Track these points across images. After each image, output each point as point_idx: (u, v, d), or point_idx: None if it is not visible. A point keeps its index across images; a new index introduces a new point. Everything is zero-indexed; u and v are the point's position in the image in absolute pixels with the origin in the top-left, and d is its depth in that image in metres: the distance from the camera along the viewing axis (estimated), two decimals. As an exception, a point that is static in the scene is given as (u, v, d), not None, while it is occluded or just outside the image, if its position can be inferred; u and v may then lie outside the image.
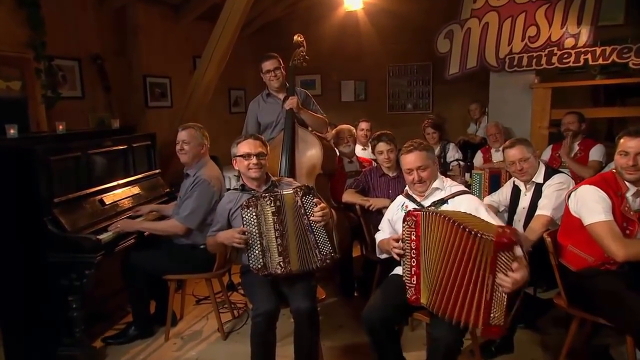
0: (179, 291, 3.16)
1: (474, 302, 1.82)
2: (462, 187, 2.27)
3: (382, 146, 3.13)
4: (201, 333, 2.96)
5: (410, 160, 2.23)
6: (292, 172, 3.08)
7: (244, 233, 2.19)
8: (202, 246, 2.71)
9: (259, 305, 2.11)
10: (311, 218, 2.20)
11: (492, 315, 1.80)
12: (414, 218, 1.99)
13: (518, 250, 1.78)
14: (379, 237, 2.41)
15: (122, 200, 2.96)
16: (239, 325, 3.02)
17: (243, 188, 2.43)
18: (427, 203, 2.22)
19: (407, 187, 2.34)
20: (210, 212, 2.68)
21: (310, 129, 3.28)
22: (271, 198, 2.20)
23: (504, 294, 1.79)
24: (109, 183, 2.93)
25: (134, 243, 2.75)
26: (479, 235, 1.77)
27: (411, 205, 2.24)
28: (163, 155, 3.70)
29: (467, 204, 2.11)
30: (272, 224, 2.19)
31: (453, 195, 2.18)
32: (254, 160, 2.37)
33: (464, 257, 1.82)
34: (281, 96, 3.25)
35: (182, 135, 2.76)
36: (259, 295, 2.19)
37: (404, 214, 2.09)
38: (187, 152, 2.75)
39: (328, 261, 2.20)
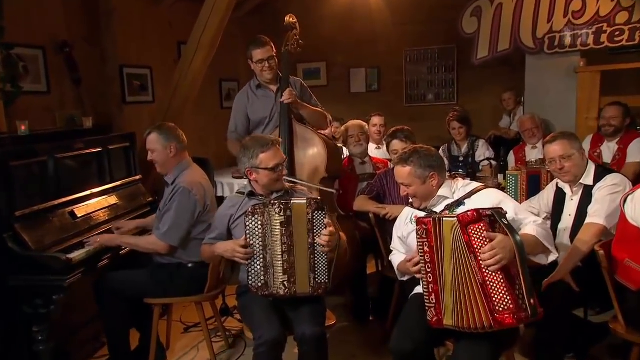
0: (165, 317, 3.15)
1: (474, 294, 1.88)
2: (476, 184, 2.26)
3: (397, 144, 3.13)
4: (191, 367, 2.95)
5: (395, 173, 2.28)
6: (291, 175, 3.06)
7: (247, 246, 2.21)
8: (190, 265, 2.71)
9: (262, 333, 2.11)
10: (317, 240, 2.22)
11: (495, 300, 1.85)
12: (424, 226, 2.00)
13: (499, 226, 1.89)
14: (394, 260, 2.42)
15: (97, 212, 2.95)
16: (236, 356, 3.01)
17: (251, 193, 2.45)
18: (439, 209, 2.22)
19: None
20: (195, 225, 2.68)
21: (308, 124, 3.27)
22: (281, 206, 2.21)
23: (499, 275, 1.84)
24: (81, 192, 2.92)
25: (108, 263, 2.74)
26: (445, 219, 1.93)
27: (419, 214, 2.23)
28: (144, 158, 3.62)
29: (489, 199, 2.11)
30: (279, 236, 2.21)
31: (469, 195, 2.18)
32: (283, 171, 2.42)
33: (452, 252, 1.94)
34: (273, 87, 3.24)
35: (147, 144, 2.77)
36: (261, 320, 2.19)
37: (414, 225, 2.11)
38: (156, 161, 2.76)
39: (320, 292, 2.24)
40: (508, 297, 1.83)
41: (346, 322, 3.37)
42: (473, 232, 1.88)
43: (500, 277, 1.84)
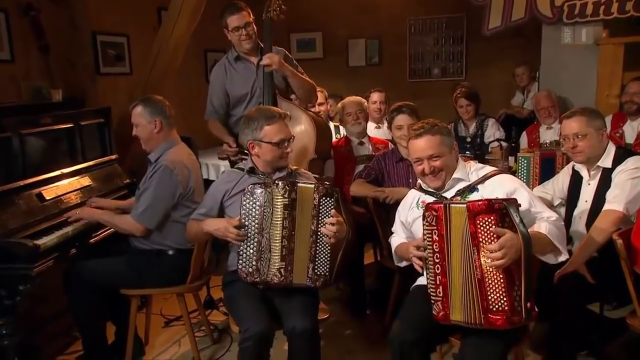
0: (143, 310, 3.14)
1: (470, 289, 1.92)
2: (490, 168, 2.26)
3: (402, 119, 3.12)
4: (171, 364, 2.96)
5: (419, 147, 2.22)
6: None
7: (242, 227, 2.22)
8: (170, 252, 2.71)
9: (249, 326, 2.12)
10: (321, 229, 2.23)
11: (490, 299, 1.88)
12: (434, 213, 2.01)
13: (510, 221, 1.89)
14: (394, 242, 2.44)
15: (68, 195, 2.93)
16: (221, 352, 3.02)
17: (251, 170, 2.46)
18: (450, 194, 2.22)
19: (419, 180, 2.34)
20: (175, 207, 2.67)
21: (294, 98, 3.24)
22: (286, 187, 2.23)
23: (499, 274, 1.86)
24: (50, 172, 2.90)
25: (80, 250, 2.73)
26: (455, 205, 1.94)
27: (429, 200, 2.24)
28: (121, 136, 3.65)
29: (501, 187, 2.12)
30: (280, 219, 2.22)
31: (483, 180, 2.18)
32: (289, 147, 2.43)
33: (461, 242, 1.96)
34: (254, 60, 3.21)
35: (132, 117, 2.77)
36: (247, 312, 2.21)
37: (421, 211, 2.12)
38: (139, 137, 2.76)
39: (318, 284, 2.27)
40: (505, 298, 1.86)
41: (341, 315, 3.39)
42: (481, 224, 1.89)
43: (501, 276, 1.86)
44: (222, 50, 5.67)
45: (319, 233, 2.24)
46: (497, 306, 1.87)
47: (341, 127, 4.08)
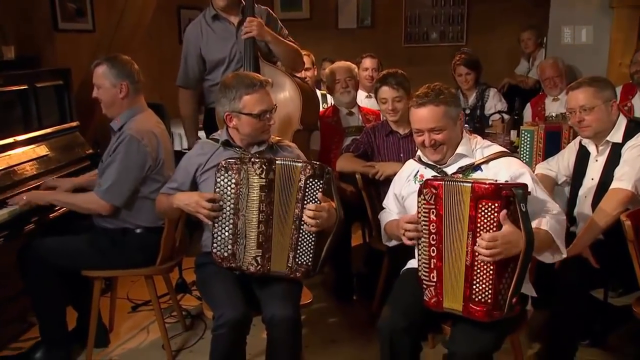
0: (108, 294, 3.14)
1: (459, 274, 1.94)
2: (498, 147, 2.25)
3: (385, 92, 3.10)
4: (139, 353, 2.94)
5: (420, 117, 2.19)
6: None
7: (215, 202, 2.20)
8: (138, 230, 2.69)
9: (223, 312, 2.12)
10: (305, 214, 2.20)
11: (475, 289, 1.91)
12: (433, 190, 1.99)
13: (515, 211, 1.87)
14: (384, 218, 2.44)
15: (22, 165, 2.88)
16: (193, 339, 3.03)
17: (227, 143, 2.43)
18: (451, 170, 2.22)
19: (419, 151, 2.32)
20: (144, 182, 2.65)
21: (279, 64, 3.21)
22: (263, 166, 2.19)
23: (490, 265, 1.87)
24: (1, 140, 2.87)
25: (37, 227, 2.69)
26: (462, 184, 1.94)
27: (429, 174, 2.23)
28: (83, 101, 3.57)
29: (507, 171, 2.11)
30: (256, 202, 2.20)
31: (487, 160, 2.18)
32: (271, 119, 2.39)
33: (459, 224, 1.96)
34: (234, 19, 3.16)
35: (93, 77, 2.71)
36: (222, 297, 2.20)
37: (418, 186, 2.10)
38: (101, 100, 2.70)
39: (298, 275, 2.26)
40: (490, 291, 1.88)
41: (326, 301, 3.40)
42: (483, 209, 1.88)
43: (491, 267, 1.88)
44: (198, 8, 5.60)
45: (303, 219, 2.22)
46: (480, 297, 1.90)
47: (328, 96, 4.05)
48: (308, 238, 2.24)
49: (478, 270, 1.90)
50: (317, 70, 4.51)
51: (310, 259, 2.24)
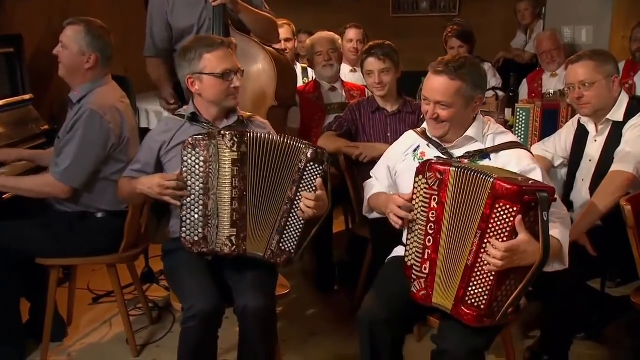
0: (66, 284, 3.11)
1: (456, 270, 1.92)
2: (511, 136, 2.23)
3: (371, 63, 3.09)
4: (101, 348, 2.94)
5: (431, 85, 2.15)
6: None
7: (184, 187, 2.20)
8: (99, 214, 2.66)
9: (193, 303, 2.12)
10: (303, 202, 2.19)
11: (470, 291, 1.88)
12: (438, 175, 1.95)
13: (534, 219, 1.81)
14: (369, 187, 2.43)
15: (-32, 142, 2.87)
16: (161, 333, 3.03)
17: (193, 117, 2.42)
18: (458, 153, 2.19)
19: (425, 123, 2.29)
20: (105, 163, 2.62)
21: (252, 35, 3.21)
22: (234, 138, 2.19)
23: (490, 274, 1.84)
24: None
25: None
26: (485, 176, 1.86)
27: (431, 153, 2.21)
28: (37, 71, 3.56)
29: (517, 164, 2.09)
30: (228, 176, 2.20)
31: (498, 148, 2.16)
32: (236, 81, 2.36)
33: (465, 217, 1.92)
34: None
35: (62, 35, 2.65)
36: (191, 287, 2.20)
37: (417, 164, 2.07)
38: (61, 61, 2.65)
39: (279, 261, 2.27)
40: (485, 296, 1.86)
41: (304, 291, 3.42)
42: (499, 210, 1.81)
43: (492, 273, 1.84)
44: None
45: (296, 203, 2.21)
46: (473, 301, 1.88)
47: (309, 70, 4.03)
48: (297, 224, 2.24)
49: (478, 273, 1.87)
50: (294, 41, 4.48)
51: (294, 246, 2.25)
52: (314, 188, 2.20)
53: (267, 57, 3.07)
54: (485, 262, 1.83)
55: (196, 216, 2.21)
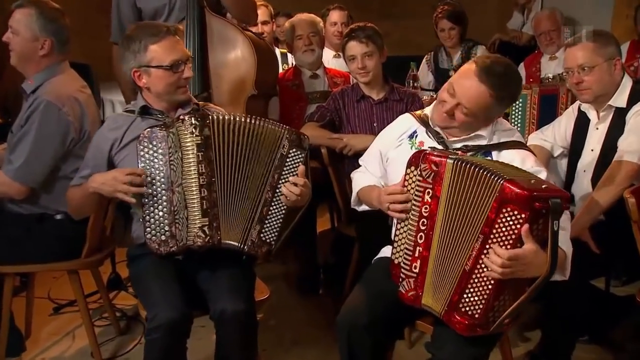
0: (23, 293, 3.10)
1: (451, 275, 1.91)
2: (517, 135, 2.23)
3: (353, 47, 3.09)
4: (63, 362, 2.93)
5: (464, 85, 2.06)
6: (205, 93, 3.05)
7: (141, 177, 2.18)
8: (58, 215, 2.64)
9: (156, 312, 2.11)
10: (288, 187, 2.21)
11: (465, 298, 1.88)
12: (434, 167, 1.95)
13: (543, 227, 1.78)
14: (357, 178, 2.44)
15: None
16: (129, 345, 3.02)
17: (144, 110, 2.40)
18: (456, 145, 2.19)
19: (429, 108, 2.27)
20: (66, 159, 2.60)
21: (229, 16, 3.21)
22: (196, 122, 2.21)
23: (489, 282, 1.82)
24: None
25: None
26: (491, 174, 1.82)
27: (430, 142, 2.21)
28: None
29: (520, 166, 2.06)
30: (193, 164, 2.20)
31: (501, 147, 2.16)
32: (187, 72, 2.35)
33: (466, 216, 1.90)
34: None
35: (11, 20, 2.62)
36: (156, 294, 2.19)
37: (412, 152, 2.05)
38: (12, 49, 2.62)
39: (259, 252, 2.28)
40: (481, 306, 1.85)
41: (286, 296, 3.42)
42: (506, 215, 1.78)
43: (491, 281, 1.83)
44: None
45: (278, 190, 2.24)
46: (467, 308, 1.88)
47: (289, 55, 4.02)
48: (278, 213, 2.26)
49: (476, 281, 1.86)
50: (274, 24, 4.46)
51: (274, 237, 2.27)
52: (296, 175, 2.22)
53: (246, 41, 3.07)
54: (485, 269, 1.82)
55: (160, 213, 2.20)
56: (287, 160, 2.24)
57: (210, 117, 2.23)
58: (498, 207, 1.79)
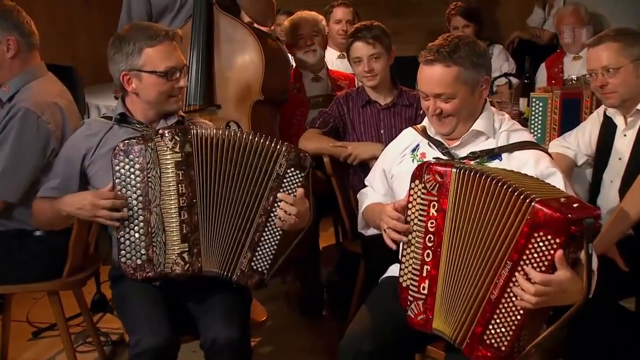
0: (0, 315, 3.11)
1: (470, 301, 1.88)
2: (528, 135, 2.23)
3: (359, 48, 3.11)
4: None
5: (425, 77, 2.17)
6: (207, 97, 3.07)
7: (119, 197, 2.18)
8: (38, 232, 2.66)
9: (139, 338, 2.12)
10: (283, 208, 2.18)
11: (490, 330, 1.85)
12: (438, 178, 1.95)
13: (578, 250, 1.78)
14: (364, 199, 2.44)
15: None
16: None
17: (123, 118, 2.40)
18: (462, 153, 2.20)
19: (426, 119, 2.31)
20: (44, 171, 2.60)
21: (242, 15, 3.25)
22: (176, 137, 2.20)
23: (518, 312, 1.80)
24: None
25: None
26: (517, 192, 1.79)
27: (432, 153, 2.23)
28: None
29: (534, 167, 2.09)
30: (173, 183, 2.20)
31: (512, 148, 2.16)
32: (182, 80, 2.38)
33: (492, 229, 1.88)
34: None
35: None
36: (139, 318, 2.20)
37: (415, 164, 2.08)
38: None
39: (250, 283, 2.27)
40: (508, 338, 1.84)
41: (287, 318, 3.42)
42: (538, 241, 1.76)
43: (520, 311, 1.80)
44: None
45: (273, 214, 2.21)
46: (492, 341, 1.85)
47: (289, 56, 4.01)
48: (272, 238, 2.24)
49: (503, 311, 1.83)
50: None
51: (267, 265, 2.25)
52: (293, 198, 2.21)
53: (255, 42, 3.09)
54: (515, 298, 1.79)
55: (136, 235, 2.19)
56: (285, 181, 2.22)
57: (192, 131, 2.21)
58: (530, 231, 1.76)
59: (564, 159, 2.76)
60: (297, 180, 2.22)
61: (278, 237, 2.23)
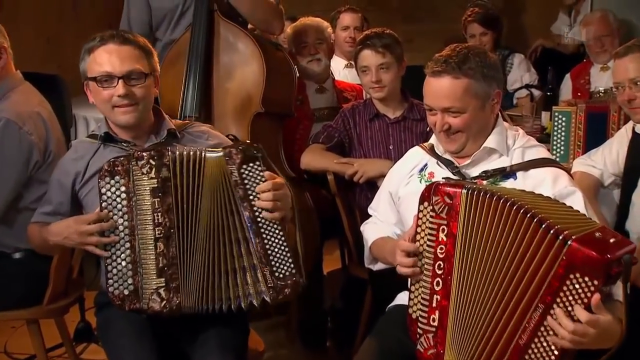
0: None
1: (488, 333, 1.87)
2: (544, 151, 2.23)
3: (367, 57, 3.12)
4: None
5: (433, 90, 2.16)
6: (205, 108, 3.10)
7: (104, 222, 2.17)
8: (17, 254, 2.67)
9: None
10: (257, 203, 2.17)
11: None
12: (447, 199, 1.94)
13: (612, 286, 1.77)
14: (368, 231, 2.43)
15: None
16: None
17: (108, 137, 2.40)
18: (474, 172, 2.20)
19: (433, 137, 2.31)
20: (29, 185, 2.62)
21: (242, 22, 3.25)
22: (151, 161, 2.17)
23: (552, 352, 1.78)
24: None
25: None
26: (544, 225, 1.76)
27: (441, 173, 2.22)
28: None
29: (551, 187, 2.08)
30: (149, 212, 2.17)
31: (527, 166, 2.15)
32: (120, 89, 2.29)
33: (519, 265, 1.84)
34: None
35: None
36: (125, 350, 2.18)
37: (424, 185, 2.08)
38: None
39: (287, 291, 2.20)
40: None
41: (287, 349, 3.42)
42: (575, 283, 1.73)
43: (556, 351, 1.78)
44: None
45: (260, 217, 2.19)
46: None
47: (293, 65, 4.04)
48: (275, 238, 2.21)
49: (533, 356, 1.81)
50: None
51: (291, 266, 2.20)
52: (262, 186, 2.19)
53: (256, 51, 3.11)
54: (545, 343, 1.78)
55: (123, 263, 2.17)
56: (246, 181, 2.19)
57: (168, 154, 2.18)
58: (565, 273, 1.73)
59: (589, 178, 2.76)
60: (257, 170, 2.20)
61: (280, 234, 2.20)
